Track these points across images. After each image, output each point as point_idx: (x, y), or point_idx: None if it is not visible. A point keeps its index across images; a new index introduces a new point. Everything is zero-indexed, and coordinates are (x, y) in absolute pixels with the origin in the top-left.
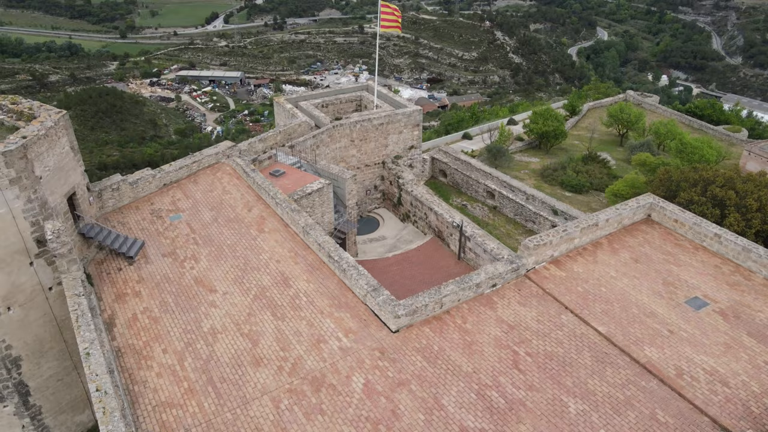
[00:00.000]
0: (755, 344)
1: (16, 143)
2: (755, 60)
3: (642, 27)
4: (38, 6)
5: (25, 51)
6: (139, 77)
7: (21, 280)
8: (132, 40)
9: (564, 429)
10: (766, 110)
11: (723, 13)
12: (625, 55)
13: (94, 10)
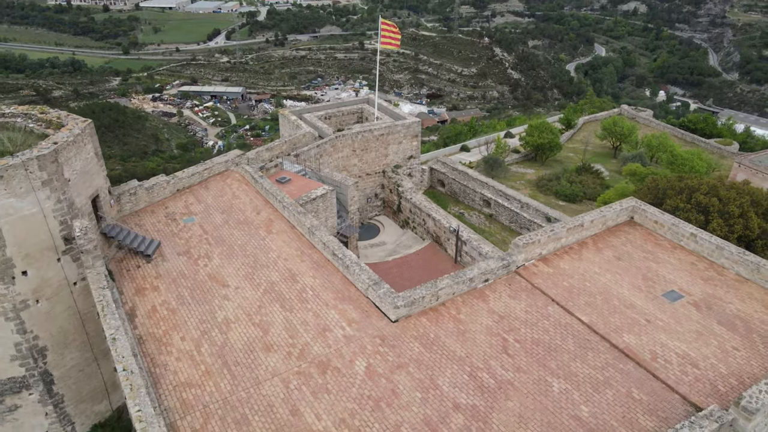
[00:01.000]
0: (724, 332)
1: (49, 148)
2: (752, 76)
3: (639, 43)
4: (42, 23)
5: (29, 67)
6: (141, 93)
7: (49, 275)
8: (135, 56)
9: (548, 405)
10: (763, 125)
11: (719, 30)
12: (622, 71)
13: (98, 27)
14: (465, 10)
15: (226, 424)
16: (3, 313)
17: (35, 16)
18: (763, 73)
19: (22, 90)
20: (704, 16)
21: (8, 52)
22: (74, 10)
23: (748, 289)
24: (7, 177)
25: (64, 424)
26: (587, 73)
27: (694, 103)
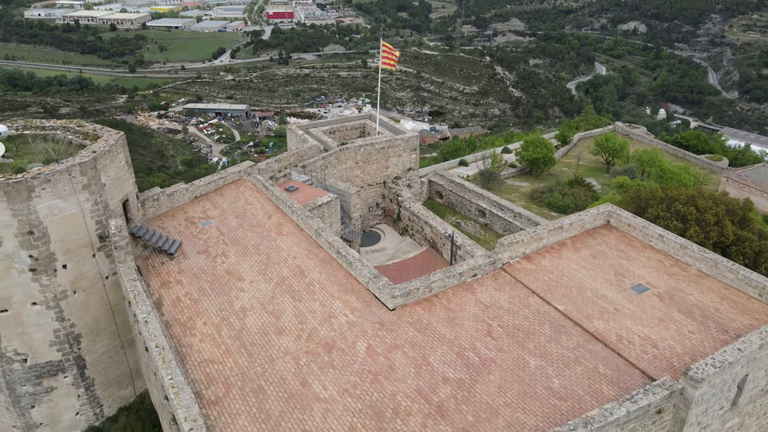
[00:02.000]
0: (683, 318)
1: (89, 156)
2: (751, 94)
3: (639, 62)
4: (50, 41)
5: (37, 84)
6: (147, 110)
7: (85, 269)
8: (141, 74)
9: (524, 378)
10: (763, 143)
11: (718, 50)
12: (623, 89)
13: (105, 46)
14: (466, 29)
15: (245, 393)
16: (45, 302)
17: (43, 35)
18: (763, 92)
19: (30, 107)
20: (703, 35)
21: (16, 71)
22: (82, 29)
23: (707, 283)
24: (53, 181)
25: (94, 406)
26: (588, 92)
27: (695, 121)
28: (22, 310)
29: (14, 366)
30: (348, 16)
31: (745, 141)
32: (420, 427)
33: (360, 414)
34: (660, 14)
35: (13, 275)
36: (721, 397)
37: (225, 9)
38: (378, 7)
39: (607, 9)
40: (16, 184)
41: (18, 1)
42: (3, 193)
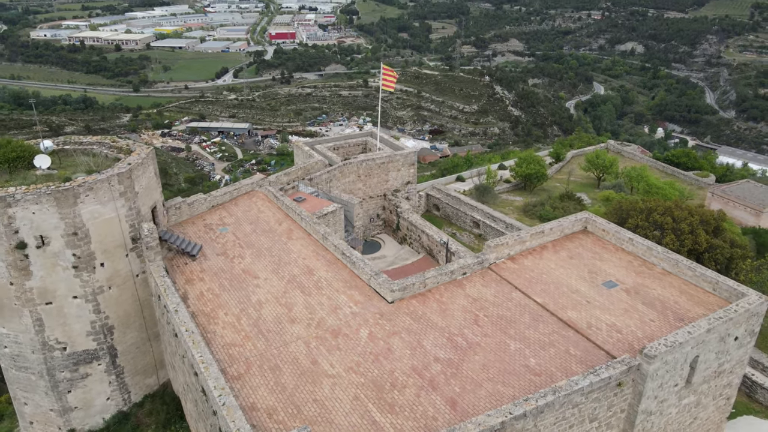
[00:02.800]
0: (646, 309)
1: (126, 167)
2: (748, 114)
3: (637, 82)
4: (56, 61)
5: (42, 103)
6: (151, 128)
7: (119, 267)
8: (144, 94)
9: (505, 358)
10: (760, 162)
11: (715, 70)
12: (621, 108)
13: (110, 66)
14: (466, 49)
15: (263, 370)
16: (84, 296)
17: (49, 55)
18: (760, 111)
19: (35, 126)
20: (700, 56)
21: (22, 90)
22: (87, 50)
23: (669, 280)
24: (95, 188)
25: (123, 392)
26: (587, 111)
27: (692, 140)
28: (65, 303)
29: (55, 353)
30: (349, 37)
31: (743, 159)
32: (414, 397)
33: (363, 386)
34: (657, 35)
35: (58, 271)
36: (675, 374)
37: (228, 30)
38: (379, 27)
39: (605, 30)
40: (64, 191)
41: (24, 22)
42: (53, 199)
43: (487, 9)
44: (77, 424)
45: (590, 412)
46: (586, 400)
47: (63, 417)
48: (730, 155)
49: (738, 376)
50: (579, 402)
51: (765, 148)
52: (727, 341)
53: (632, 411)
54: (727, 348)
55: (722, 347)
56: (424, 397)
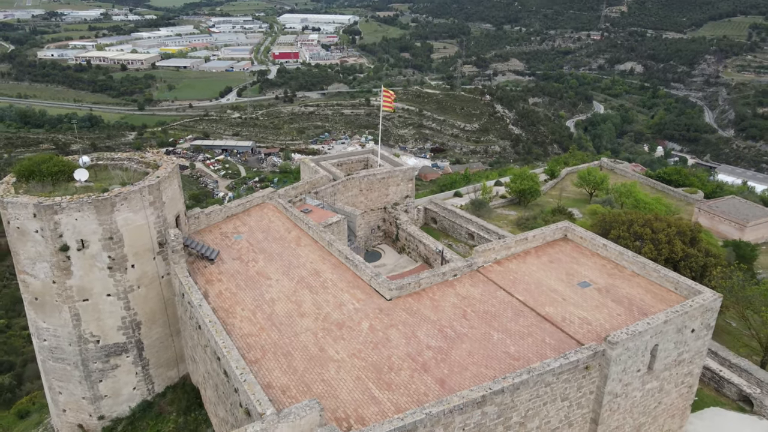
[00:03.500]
0: (614, 305)
1: (155, 180)
2: (747, 133)
3: (637, 101)
4: (62, 81)
5: (48, 122)
6: (155, 146)
7: (147, 269)
8: (149, 112)
9: (488, 346)
10: (760, 180)
11: (713, 89)
12: (621, 127)
13: (115, 85)
14: (467, 69)
15: (277, 356)
16: (117, 294)
17: (56, 74)
18: (758, 130)
19: (42, 144)
20: (698, 75)
21: (29, 109)
22: (93, 69)
23: (637, 281)
24: (129, 198)
25: (147, 383)
26: (587, 129)
27: (692, 158)
28: (99, 300)
29: (89, 346)
30: (352, 57)
31: (743, 178)
32: (408, 378)
33: (364, 369)
34: (656, 55)
35: (95, 271)
36: (637, 360)
37: (232, 50)
38: (381, 47)
39: (604, 50)
40: (103, 201)
41: (32, 42)
42: (94, 207)
43: (488, 29)
44: (106, 412)
45: (561, 391)
46: (557, 381)
47: (94, 404)
48: (730, 173)
49: (698, 366)
50: (551, 381)
51: (764, 167)
52: (685, 333)
53: (599, 392)
54: (685, 339)
55: (680, 338)
56: (417, 378)
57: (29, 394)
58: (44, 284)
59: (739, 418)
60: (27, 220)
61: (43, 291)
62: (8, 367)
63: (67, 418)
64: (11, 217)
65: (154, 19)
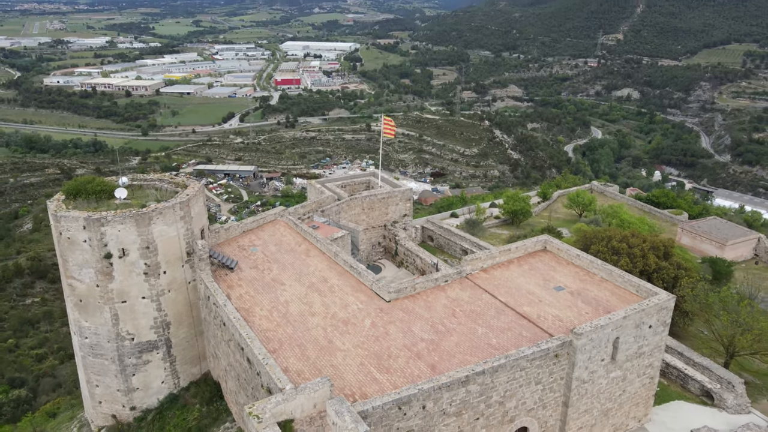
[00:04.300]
0: (583, 305)
1: (185, 197)
2: (743, 158)
3: (634, 126)
4: (67, 107)
5: (53, 147)
6: (159, 171)
7: (176, 275)
8: (153, 138)
9: (473, 339)
10: (756, 204)
11: (709, 115)
12: (619, 152)
13: (120, 111)
14: (466, 95)
15: (292, 347)
16: (150, 296)
17: (61, 100)
18: (754, 155)
19: (47, 168)
20: (694, 102)
21: (34, 134)
22: (98, 96)
23: (605, 285)
24: (164, 213)
25: (174, 377)
26: (585, 154)
27: (689, 183)
28: (135, 302)
29: (125, 343)
30: (353, 83)
31: (740, 202)
32: (404, 363)
33: (366, 357)
34: (652, 82)
35: (132, 277)
36: (601, 350)
37: (235, 76)
38: (381, 74)
39: (601, 77)
40: (142, 215)
41: (38, 69)
42: (134, 220)
43: (487, 56)
44: (137, 403)
45: (535, 375)
46: (530, 366)
47: (127, 396)
48: (727, 198)
49: (657, 359)
50: (525, 366)
51: (761, 191)
52: (643, 328)
53: (568, 378)
54: (644, 334)
55: (639, 332)
56: (412, 364)
57: (50, 402)
58: (89, 287)
59: (700, 410)
60: (77, 232)
61: (87, 294)
62: (20, 383)
63: (102, 410)
64: (63, 229)
65: (158, 47)
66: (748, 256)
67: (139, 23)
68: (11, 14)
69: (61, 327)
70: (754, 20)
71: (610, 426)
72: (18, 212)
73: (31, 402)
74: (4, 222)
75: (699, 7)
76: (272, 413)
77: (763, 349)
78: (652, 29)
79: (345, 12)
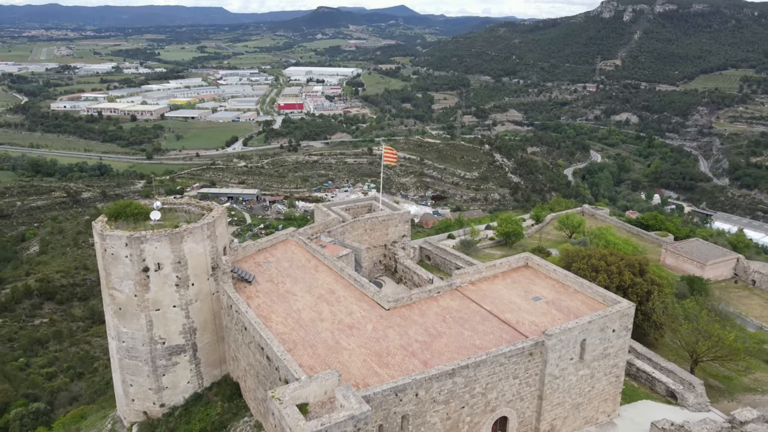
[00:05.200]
0: (557, 313)
1: (211, 219)
2: (741, 181)
3: (633, 150)
4: (73, 131)
5: (59, 171)
6: (164, 194)
7: (203, 287)
8: (157, 161)
9: (460, 340)
10: (755, 227)
11: (707, 139)
12: (618, 175)
13: (125, 135)
14: (467, 119)
15: (305, 347)
16: (180, 305)
17: (68, 125)
18: (752, 179)
19: (53, 192)
20: (692, 126)
21: (40, 158)
22: (104, 120)
23: (578, 296)
24: (194, 233)
25: (198, 378)
26: (584, 177)
27: (689, 206)
28: (167, 310)
29: (157, 346)
30: (355, 107)
31: (738, 225)
32: (401, 360)
33: (368, 354)
34: (650, 106)
35: (166, 288)
36: (570, 350)
37: (239, 101)
38: (383, 98)
39: (600, 101)
40: (176, 234)
41: (45, 94)
42: (168, 239)
43: (487, 81)
44: (166, 400)
45: (512, 371)
46: (508, 362)
47: (157, 394)
48: (726, 221)
49: (622, 360)
50: (503, 362)
51: (760, 215)
52: (607, 331)
53: (542, 374)
54: (608, 337)
55: (603, 335)
56: (407, 360)
57: (75, 409)
58: (128, 297)
59: (665, 408)
60: (120, 248)
61: (126, 302)
62: (34, 398)
63: (134, 407)
64: (107, 246)
65: (163, 72)
66: (728, 275)
67: (144, 49)
68: (19, 40)
69: (70, 347)
70: (750, 46)
71: (581, 419)
72: (25, 235)
73: (49, 414)
74: (12, 244)
75: (695, 33)
76: (291, 397)
77: (722, 355)
78: (649, 55)
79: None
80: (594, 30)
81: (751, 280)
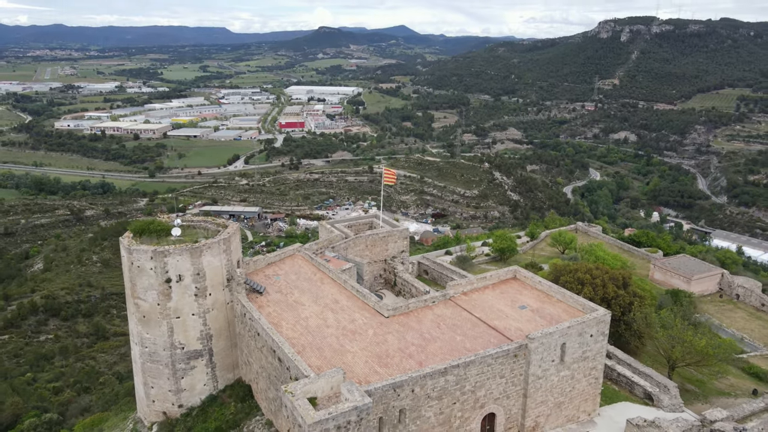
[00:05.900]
0: (541, 320)
1: (227, 235)
2: (739, 199)
3: (632, 168)
4: (77, 149)
5: (62, 189)
6: (166, 212)
7: (219, 297)
8: (159, 179)
9: (453, 344)
10: (754, 245)
11: (705, 157)
12: (617, 193)
13: (128, 153)
14: (467, 137)
15: (313, 350)
16: (198, 314)
17: (71, 143)
18: (750, 197)
19: (57, 209)
20: (690, 144)
21: (44, 176)
22: (107, 139)
23: (559, 305)
24: (212, 247)
25: (213, 381)
26: (584, 195)
27: (687, 223)
28: (187, 318)
29: (177, 351)
30: (355, 126)
31: (737, 243)
32: (399, 361)
33: (370, 357)
34: (648, 125)
35: (185, 297)
36: (551, 352)
37: (241, 120)
38: (384, 117)
39: (599, 120)
40: (195, 248)
41: (49, 113)
42: (189, 253)
43: (487, 100)
44: (184, 402)
45: (499, 371)
46: (495, 363)
47: (176, 396)
48: (725, 239)
49: (600, 363)
50: (491, 363)
51: (758, 232)
52: (585, 336)
53: (526, 374)
54: (587, 341)
55: (582, 340)
56: (405, 361)
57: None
58: (151, 306)
59: (642, 408)
60: (145, 261)
61: (149, 311)
62: (44, 410)
63: (155, 407)
64: (134, 259)
65: (166, 92)
66: (714, 289)
67: (147, 68)
68: (24, 60)
69: (76, 362)
70: (746, 66)
71: (563, 417)
72: (29, 252)
73: (61, 424)
74: (16, 262)
75: (692, 53)
76: (302, 391)
77: (696, 361)
78: (647, 74)
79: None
80: (592, 50)
81: (735, 294)
